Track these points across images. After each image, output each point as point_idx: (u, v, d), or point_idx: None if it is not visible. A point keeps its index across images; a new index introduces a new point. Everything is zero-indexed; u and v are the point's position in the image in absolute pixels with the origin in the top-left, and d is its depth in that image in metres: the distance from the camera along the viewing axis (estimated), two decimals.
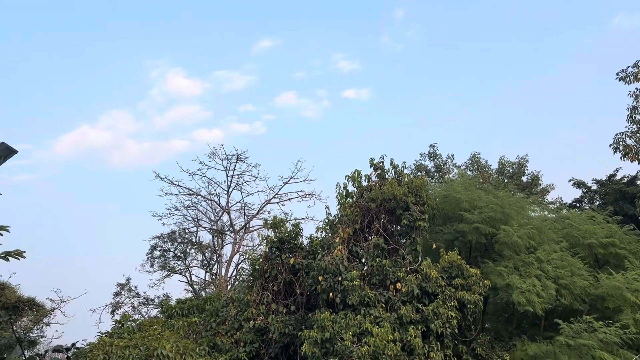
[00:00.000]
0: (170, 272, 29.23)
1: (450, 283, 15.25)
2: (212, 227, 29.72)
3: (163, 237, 29.45)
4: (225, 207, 29.44)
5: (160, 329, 16.25)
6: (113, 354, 14.13)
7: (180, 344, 14.83)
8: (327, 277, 15.04)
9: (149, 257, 29.40)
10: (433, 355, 13.95)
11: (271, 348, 16.06)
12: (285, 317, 16.07)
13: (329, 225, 17.32)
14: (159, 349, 13.92)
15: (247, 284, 18.95)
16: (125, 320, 18.20)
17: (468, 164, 29.11)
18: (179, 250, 29.74)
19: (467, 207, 16.31)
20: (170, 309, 19.47)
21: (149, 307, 28.19)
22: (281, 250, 16.89)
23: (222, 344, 16.00)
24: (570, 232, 17.77)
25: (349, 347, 13.52)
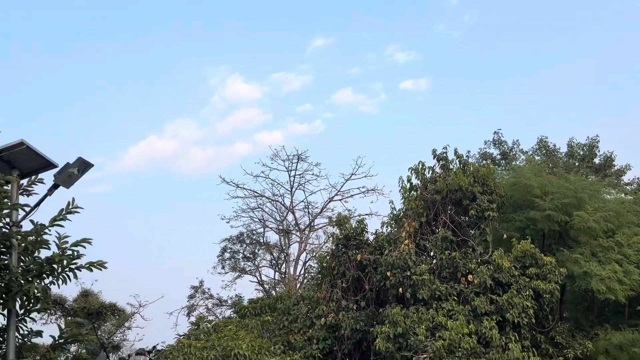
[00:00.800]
0: (241, 273, 29.87)
1: (524, 273, 14.80)
2: (278, 227, 30.13)
3: (232, 239, 30.12)
4: (290, 206, 29.78)
5: (235, 329, 16.67)
6: (192, 355, 14.63)
7: (256, 343, 15.18)
8: (395, 273, 14.94)
9: (219, 259, 30.16)
10: (511, 346, 13.59)
11: (344, 344, 16.12)
12: (355, 313, 16.09)
13: (394, 220, 17.19)
14: (236, 349, 14.30)
15: (316, 281, 19.13)
16: (201, 322, 18.80)
17: (535, 149, 28.09)
18: (247, 251, 30.36)
19: (538, 193, 15.73)
20: (243, 309, 19.93)
21: (223, 308, 28.96)
22: (347, 247, 16.92)
23: (295, 342, 16.22)
24: None
25: (422, 341, 13.39)
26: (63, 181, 8.72)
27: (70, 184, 8.81)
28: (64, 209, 8.86)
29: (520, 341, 14.05)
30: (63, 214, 8.82)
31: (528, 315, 14.23)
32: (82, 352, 15.30)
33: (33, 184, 9.19)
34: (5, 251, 8.37)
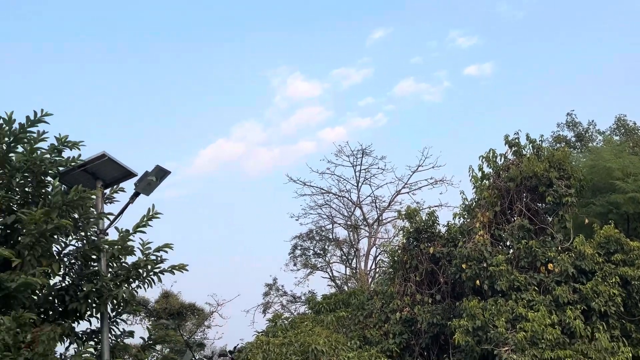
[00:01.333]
0: (312, 269, 30.14)
1: (609, 259, 14.09)
2: (346, 222, 30.18)
3: (302, 236, 30.42)
4: (357, 202, 29.75)
5: (311, 325, 16.86)
6: (271, 351, 14.94)
7: (332, 339, 15.29)
8: (471, 264, 14.61)
9: (291, 256, 30.55)
10: (599, 336, 12.97)
11: (421, 338, 15.94)
12: (431, 307, 15.87)
13: (467, 211, 16.81)
14: (313, 345, 14.47)
15: (388, 276, 19.02)
16: (277, 319, 19.16)
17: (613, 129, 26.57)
18: (318, 248, 30.58)
19: (619, 175, 14.91)
20: (318, 305, 20.11)
21: (297, 304, 29.31)
22: (419, 240, 16.70)
23: (371, 337, 16.20)
24: None
25: (503, 334, 13.03)
26: (143, 189, 9.11)
27: (150, 191, 9.20)
28: (146, 216, 9.27)
29: (609, 331, 13.39)
30: (145, 220, 9.24)
31: (615, 304, 13.53)
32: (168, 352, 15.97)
33: (115, 193, 9.68)
34: (95, 259, 8.87)
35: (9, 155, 8.07)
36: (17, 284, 6.82)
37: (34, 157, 8.19)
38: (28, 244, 7.40)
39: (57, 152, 8.60)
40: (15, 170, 8.07)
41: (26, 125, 8.07)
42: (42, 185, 8.52)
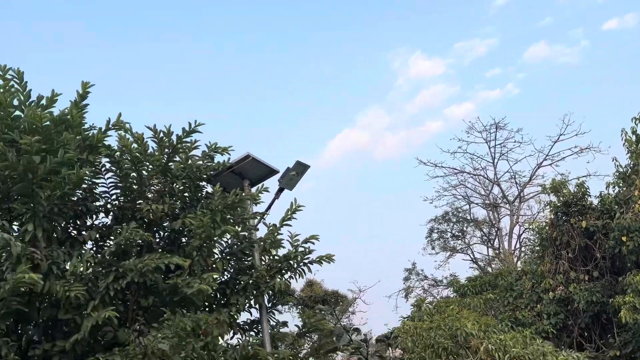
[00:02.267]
0: (452, 252, 29.60)
1: None
2: (484, 201, 29.19)
3: (438, 219, 30.00)
4: (494, 179, 28.63)
5: (457, 309, 16.57)
6: (419, 336, 14.91)
7: (482, 322, 14.89)
8: (632, 236, 13.42)
9: (428, 240, 30.27)
10: None
11: (579, 318, 15.03)
12: (589, 284, 14.88)
13: (621, 179, 15.44)
14: (462, 328, 14.19)
15: (537, 254, 18.09)
16: (422, 304, 19.08)
17: None
18: (455, 230, 29.95)
19: None
20: (462, 287, 19.72)
21: (439, 288, 28.98)
22: (568, 215, 15.69)
23: (523, 318, 15.57)
24: None
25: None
26: (286, 184, 9.54)
27: (293, 186, 9.61)
28: (290, 209, 9.69)
29: None
30: (290, 214, 9.66)
31: None
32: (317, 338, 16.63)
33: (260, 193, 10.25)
34: (248, 253, 9.47)
35: (169, 165, 8.87)
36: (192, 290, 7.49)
37: (189, 164, 8.92)
38: (196, 247, 8.13)
39: (209, 158, 9.28)
40: (175, 178, 8.85)
41: (182, 136, 8.81)
42: (198, 190, 9.26)
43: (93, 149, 8.29)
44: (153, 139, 8.88)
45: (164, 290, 7.92)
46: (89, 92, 8.34)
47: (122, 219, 8.51)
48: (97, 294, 7.37)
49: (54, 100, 8.16)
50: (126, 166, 8.60)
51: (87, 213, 8.56)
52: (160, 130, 8.78)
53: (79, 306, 7.35)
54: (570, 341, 15.02)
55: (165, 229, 8.97)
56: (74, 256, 7.48)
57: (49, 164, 7.31)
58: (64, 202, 7.81)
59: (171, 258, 7.44)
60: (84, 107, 8.33)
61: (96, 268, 7.71)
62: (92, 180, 8.61)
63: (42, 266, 7.28)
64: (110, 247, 7.75)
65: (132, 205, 8.62)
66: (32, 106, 7.92)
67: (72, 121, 7.97)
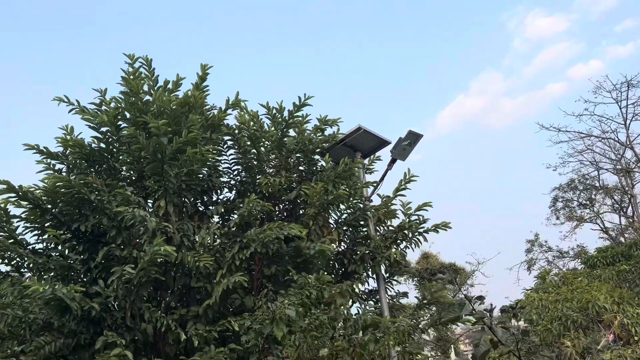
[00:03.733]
0: (579, 221, 27.73)
1: None
2: (615, 167, 26.91)
3: (562, 187, 28.21)
4: (626, 142, 26.23)
5: (586, 281, 15.62)
6: (545, 308, 14.25)
7: (615, 294, 13.91)
8: None
9: (552, 209, 28.61)
10: None
11: None
12: None
13: None
14: (593, 301, 13.36)
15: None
16: (546, 275, 18.16)
17: None
18: (583, 198, 27.99)
19: None
20: (592, 259, 18.55)
21: (565, 259, 27.38)
22: None
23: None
24: None
25: None
26: (399, 154, 9.47)
27: (405, 156, 9.51)
28: (403, 180, 9.63)
29: None
30: (403, 184, 9.60)
31: None
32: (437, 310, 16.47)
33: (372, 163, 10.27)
34: (363, 224, 9.57)
35: (283, 140, 9.17)
36: (314, 251, 7.83)
37: (302, 138, 9.16)
38: (312, 215, 8.39)
39: (320, 131, 9.46)
40: (290, 152, 9.15)
41: (294, 111, 9.05)
42: (313, 163, 9.49)
43: (215, 128, 8.79)
44: (267, 116, 9.21)
45: (286, 254, 8.28)
46: (208, 74, 8.81)
47: (243, 193, 8.98)
48: (224, 263, 7.86)
49: (179, 84, 8.74)
50: (245, 143, 9.02)
51: (212, 189, 9.12)
52: (272, 107, 9.08)
53: (209, 275, 7.90)
54: None
55: (284, 201, 9.32)
56: (202, 229, 8.03)
57: (176, 144, 7.85)
58: (191, 179, 8.38)
59: (290, 227, 7.73)
60: (204, 89, 8.83)
61: (222, 239, 8.22)
62: (216, 158, 9.14)
63: (175, 239, 7.89)
64: (235, 219, 8.22)
65: (253, 179, 9.05)
66: (159, 91, 8.52)
67: (195, 102, 8.48)
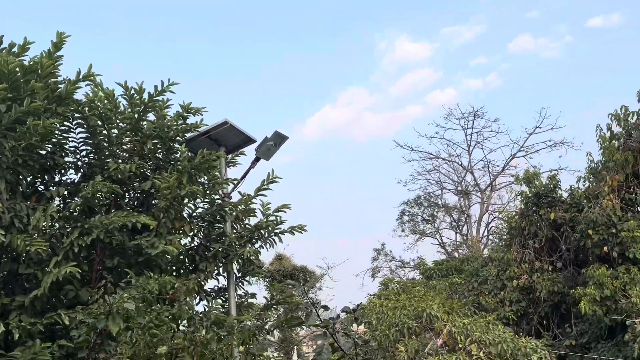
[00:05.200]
0: (421, 235, 29.91)
1: None
2: (456, 188, 29.47)
3: (410, 202, 30.23)
4: (468, 166, 28.87)
5: (423, 290, 16.77)
6: (384, 314, 15.05)
7: (446, 304, 15.10)
8: (598, 230, 13.66)
9: (399, 222, 30.52)
10: None
11: (540, 307, 15.34)
12: (551, 274, 15.18)
13: (592, 174, 15.67)
14: (427, 309, 14.37)
15: (505, 242, 18.36)
16: (389, 283, 19.25)
17: None
18: (426, 214, 30.23)
19: None
20: (429, 270, 19.97)
21: (406, 269, 29.33)
22: (538, 206, 15.90)
23: (486, 304, 15.83)
24: None
25: (637, 304, 12.13)
26: (263, 154, 9.38)
27: (270, 156, 9.45)
28: (266, 180, 9.55)
29: None
30: (266, 184, 9.53)
31: None
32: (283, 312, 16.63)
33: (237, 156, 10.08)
34: (221, 220, 9.33)
35: (140, 123, 8.61)
36: (157, 251, 7.36)
37: (161, 123, 8.66)
38: (163, 208, 7.93)
39: (182, 119, 9.03)
40: (147, 138, 8.59)
41: (155, 94, 8.53)
42: (171, 152, 9.03)
43: (62, 101, 7.97)
44: (124, 96, 8.60)
45: (129, 249, 7.75)
46: (64, 43, 7.99)
47: (90, 176, 8.26)
48: (61, 250, 7.16)
49: (26, 48, 7.80)
50: (96, 122, 8.32)
51: (55, 168, 8.28)
52: (131, 87, 8.49)
53: (41, 261, 7.14)
54: (529, 328, 15.35)
55: (135, 189, 8.76)
56: (38, 210, 7.24)
57: (15, 113, 7.01)
58: (30, 154, 7.53)
59: (138, 217, 7.25)
60: (58, 58, 7.99)
61: (61, 224, 7.49)
62: (62, 135, 8.32)
63: (4, 219, 7.03)
64: (77, 201, 7.53)
65: (102, 163, 8.38)
66: (2, 53, 7.56)
67: (43, 71, 7.64)
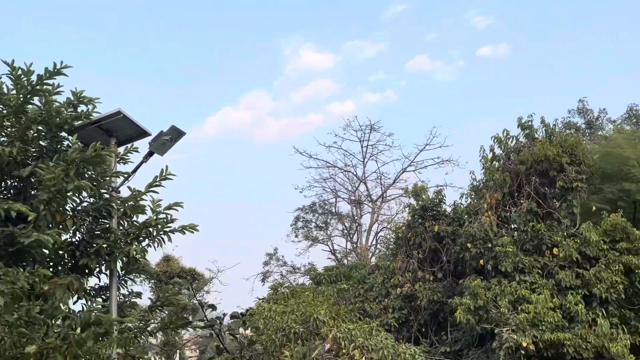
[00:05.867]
0: (314, 241, 30.30)
1: (613, 247, 14.12)
2: (350, 197, 30.22)
3: (305, 208, 30.53)
4: (362, 177, 29.74)
5: (311, 295, 16.99)
6: (272, 318, 15.06)
7: (333, 310, 15.42)
8: (476, 244, 14.64)
9: (293, 227, 30.70)
10: (599, 322, 13.05)
11: (420, 315, 16.11)
12: (432, 284, 16.01)
13: (474, 191, 16.81)
14: (315, 314, 14.58)
15: (391, 251, 19.12)
16: (279, 287, 19.31)
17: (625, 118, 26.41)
18: (320, 221, 30.68)
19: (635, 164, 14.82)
20: (318, 276, 20.24)
21: (296, 275, 29.54)
22: (424, 218, 16.75)
23: (371, 310, 16.36)
24: None
25: (505, 314, 13.12)
26: (157, 148, 9.05)
27: (164, 151, 9.14)
28: (159, 176, 9.20)
29: (608, 318, 13.47)
30: (158, 180, 9.18)
31: (617, 291, 13.60)
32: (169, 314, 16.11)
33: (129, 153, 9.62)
34: (107, 215, 8.85)
35: (24, 107, 7.98)
36: (30, 240, 6.81)
37: (48, 109, 8.09)
38: (44, 200, 7.38)
39: (73, 107, 8.49)
40: (31, 122, 7.99)
41: (44, 77, 7.95)
42: (57, 140, 8.46)
43: None
44: (10, 76, 7.94)
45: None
46: None
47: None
48: None
49: None
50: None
51: None
52: (19, 67, 7.87)
53: None
54: (409, 335, 16.07)
55: (13, 176, 8.09)
56: None
57: None
58: None
59: (13, 205, 6.69)
60: None
61: None
62: None
63: None
64: None
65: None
66: None
67: None
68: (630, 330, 13.69)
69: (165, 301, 9.79)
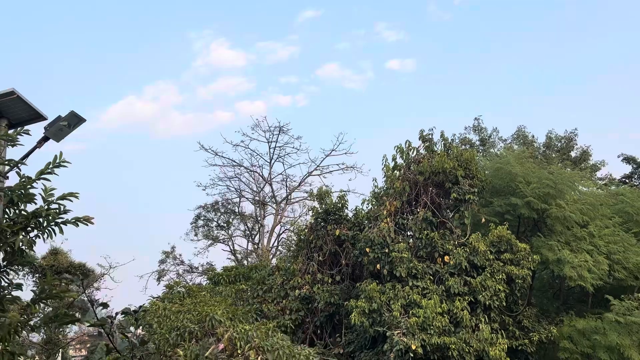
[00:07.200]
0: (214, 241, 29.86)
1: (498, 257, 15.16)
2: (254, 197, 30.11)
3: (207, 207, 30.03)
4: (267, 178, 29.75)
5: (208, 295, 16.71)
6: (166, 318, 14.62)
7: (230, 310, 15.25)
8: (374, 249, 15.13)
9: (193, 226, 30.08)
10: (482, 327, 13.96)
11: (316, 317, 16.35)
12: (330, 287, 16.30)
13: (375, 198, 17.36)
14: (211, 314, 14.34)
15: (292, 253, 19.27)
16: (175, 286, 18.80)
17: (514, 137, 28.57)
18: (222, 220, 30.31)
19: (522, 181, 16.03)
20: (217, 276, 19.97)
21: (194, 274, 28.97)
22: (326, 222, 17.06)
23: (268, 312, 16.37)
24: (623, 209, 17.33)
25: (397, 318, 13.66)
26: (54, 134, 8.51)
27: (61, 137, 8.61)
28: (52, 163, 8.64)
29: (490, 323, 14.43)
30: (51, 167, 8.62)
31: (499, 299, 14.61)
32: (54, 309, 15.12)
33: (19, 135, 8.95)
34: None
35: None
36: None
37: None
38: None
39: None
40: None
41: None
42: None
43: None
44: None
45: None
46: None
47: None
48: None
49: None
50: None
51: None
52: None
53: None
54: (305, 337, 16.26)
55: None
56: None
57: None
58: None
59: None
60: None
61: None
62: None
63: None
64: None
65: None
66: None
67: None
68: (508, 335, 14.77)
69: (52, 294, 9.19)
